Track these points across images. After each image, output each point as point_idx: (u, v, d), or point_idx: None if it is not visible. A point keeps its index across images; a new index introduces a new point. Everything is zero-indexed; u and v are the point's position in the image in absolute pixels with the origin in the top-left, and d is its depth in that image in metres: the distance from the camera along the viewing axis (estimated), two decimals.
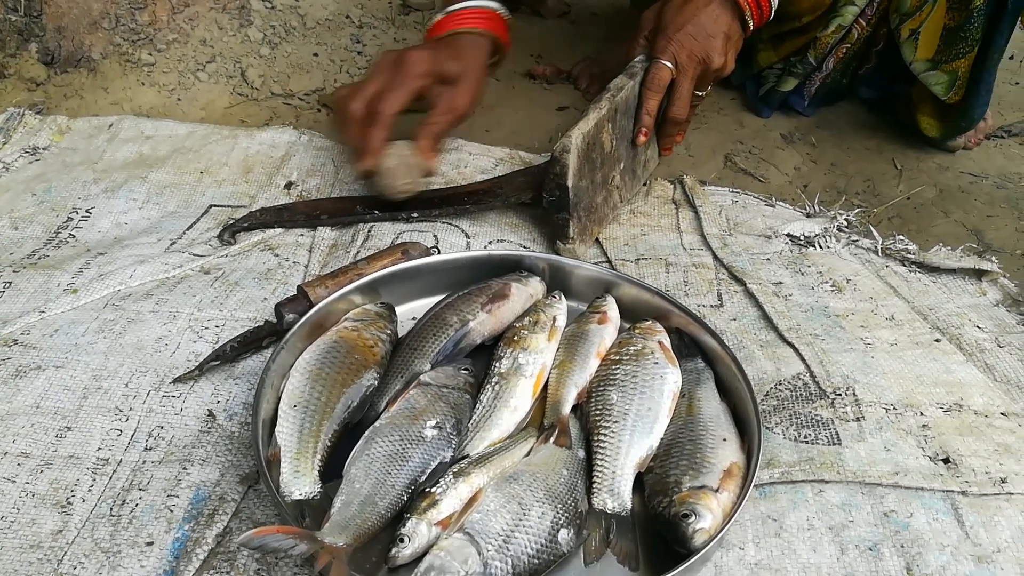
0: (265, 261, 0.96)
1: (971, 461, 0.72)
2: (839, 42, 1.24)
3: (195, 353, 0.82)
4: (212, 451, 0.72)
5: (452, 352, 0.80)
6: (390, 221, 1.03)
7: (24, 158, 1.14)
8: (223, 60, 1.39)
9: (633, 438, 0.70)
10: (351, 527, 0.61)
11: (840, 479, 0.70)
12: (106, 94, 1.31)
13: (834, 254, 1.03)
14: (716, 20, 1.02)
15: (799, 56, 1.27)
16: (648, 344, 0.79)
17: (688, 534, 0.61)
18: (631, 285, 0.87)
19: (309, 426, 0.69)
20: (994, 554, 0.65)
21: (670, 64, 1.02)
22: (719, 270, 0.99)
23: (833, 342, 0.87)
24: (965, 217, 1.18)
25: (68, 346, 0.81)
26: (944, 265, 1.00)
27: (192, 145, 1.17)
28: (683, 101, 1.05)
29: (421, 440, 0.68)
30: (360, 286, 0.84)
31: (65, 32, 1.30)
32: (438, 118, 0.99)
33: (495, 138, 1.22)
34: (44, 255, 0.96)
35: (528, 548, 0.60)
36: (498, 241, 1.02)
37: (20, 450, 0.71)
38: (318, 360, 0.75)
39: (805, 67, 1.26)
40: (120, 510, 0.67)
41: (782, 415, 0.77)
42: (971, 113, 1.23)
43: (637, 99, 1.02)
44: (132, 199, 1.07)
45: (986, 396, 0.80)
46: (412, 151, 0.98)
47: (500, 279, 0.87)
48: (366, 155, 0.95)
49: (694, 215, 1.09)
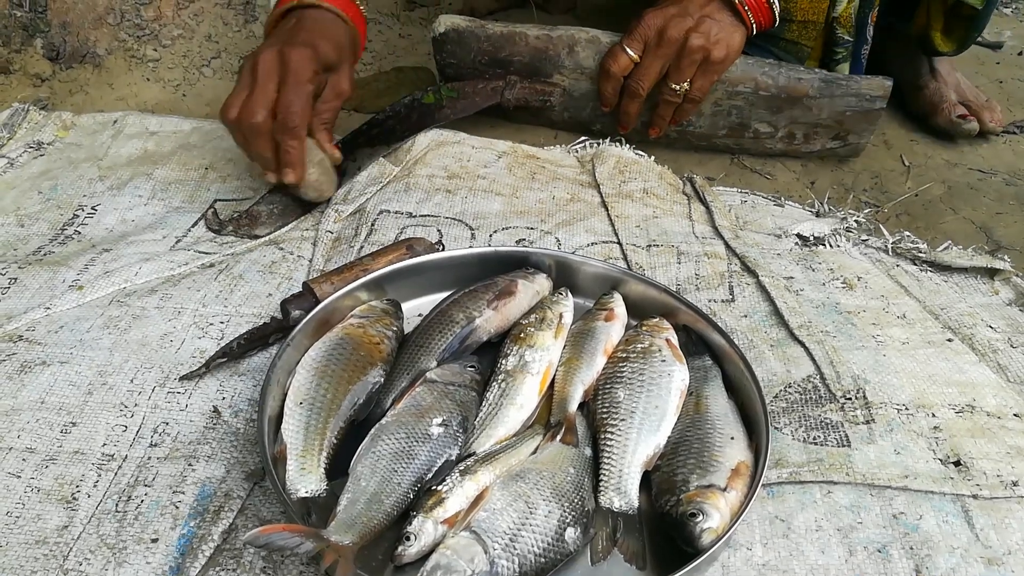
0: (269, 254, 0.96)
1: (982, 464, 0.71)
2: (869, 9, 1.21)
3: (200, 349, 0.82)
4: (218, 448, 0.72)
5: (458, 349, 0.79)
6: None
7: (28, 153, 1.14)
8: (228, 56, 1.39)
9: (640, 436, 0.70)
10: (357, 525, 0.60)
11: (849, 481, 0.70)
12: (111, 90, 1.31)
13: (844, 253, 1.02)
14: (703, 6, 1.05)
15: (834, 42, 1.24)
16: (655, 341, 0.78)
17: (695, 533, 0.61)
18: (638, 282, 0.86)
19: (315, 423, 0.69)
20: (1005, 556, 0.65)
21: (631, 51, 1.07)
22: (731, 260, 0.98)
23: (844, 339, 0.86)
24: (974, 214, 1.17)
25: (73, 342, 0.81)
26: (956, 264, 0.99)
27: (197, 141, 1.17)
28: (643, 75, 1.08)
29: (427, 438, 0.68)
30: (366, 283, 0.83)
31: (70, 28, 1.29)
32: (328, 106, 0.98)
33: (498, 133, 1.22)
34: (50, 251, 0.96)
35: (535, 547, 0.60)
36: (503, 230, 1.01)
37: (25, 445, 0.71)
38: (324, 357, 0.74)
39: (845, 47, 1.23)
40: (126, 506, 0.67)
41: (791, 417, 0.77)
42: (981, 21, 1.20)
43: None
44: (137, 195, 1.07)
45: (999, 397, 0.79)
46: (314, 147, 0.98)
47: (506, 276, 0.86)
48: (289, 168, 0.94)
49: (705, 209, 1.08)
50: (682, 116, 1.15)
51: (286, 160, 0.94)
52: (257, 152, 0.94)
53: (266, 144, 0.93)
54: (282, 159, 0.94)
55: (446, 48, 1.19)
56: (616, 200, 1.07)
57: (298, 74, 0.92)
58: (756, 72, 1.14)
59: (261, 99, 0.91)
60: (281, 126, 0.92)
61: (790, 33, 1.17)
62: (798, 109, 1.17)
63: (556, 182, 1.12)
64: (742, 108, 1.17)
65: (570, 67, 1.17)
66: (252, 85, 0.92)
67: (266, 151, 0.94)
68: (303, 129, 0.94)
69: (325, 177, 1.01)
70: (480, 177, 1.11)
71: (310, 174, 0.98)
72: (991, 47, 1.63)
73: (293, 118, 0.92)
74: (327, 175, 1.01)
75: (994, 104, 1.34)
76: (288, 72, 0.92)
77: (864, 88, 1.15)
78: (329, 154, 1.00)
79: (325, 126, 0.99)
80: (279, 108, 0.92)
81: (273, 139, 0.93)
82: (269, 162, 0.95)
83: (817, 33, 1.18)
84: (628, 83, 1.11)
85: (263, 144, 0.93)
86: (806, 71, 1.15)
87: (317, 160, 0.99)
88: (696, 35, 1.04)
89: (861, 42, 1.22)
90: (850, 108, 1.17)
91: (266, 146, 0.93)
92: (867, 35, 1.22)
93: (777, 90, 1.15)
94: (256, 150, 0.94)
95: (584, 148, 1.20)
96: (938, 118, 1.31)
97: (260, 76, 0.91)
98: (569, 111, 1.22)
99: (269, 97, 0.91)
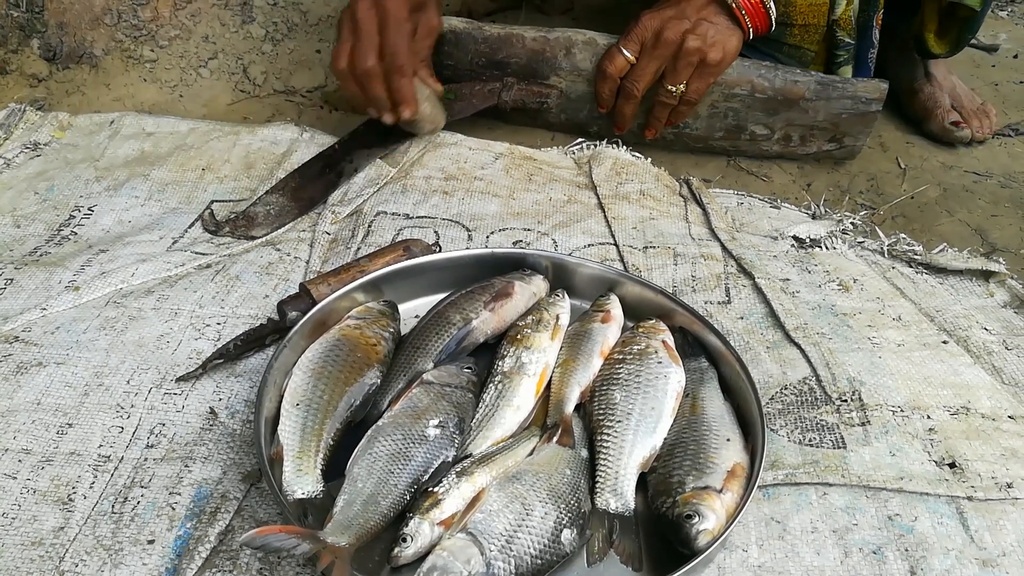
0: (266, 255, 0.96)
1: (977, 466, 0.72)
2: (873, 11, 1.21)
3: (196, 351, 0.82)
4: (214, 449, 0.72)
5: (455, 351, 0.79)
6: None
7: (25, 154, 1.14)
8: (225, 56, 1.39)
9: (636, 438, 0.70)
10: (354, 526, 0.60)
11: (844, 482, 0.70)
12: (108, 90, 1.30)
13: (840, 255, 1.03)
14: (700, 9, 1.06)
15: (835, 45, 1.24)
16: (652, 343, 0.78)
17: (691, 535, 0.61)
18: (635, 283, 0.86)
19: (312, 425, 0.69)
20: (999, 558, 0.65)
21: (627, 52, 1.09)
22: (727, 262, 0.99)
23: (840, 341, 0.86)
24: (969, 216, 1.18)
25: (69, 343, 0.81)
26: (951, 266, 1.00)
27: (194, 142, 1.17)
28: (638, 76, 1.09)
29: (424, 439, 0.68)
30: (363, 284, 0.83)
31: (67, 28, 1.29)
32: (423, 44, 1.05)
33: (496, 134, 1.22)
34: (46, 252, 0.96)
35: (531, 548, 0.60)
36: (500, 231, 1.01)
37: (21, 447, 0.71)
38: (321, 358, 0.74)
39: (846, 49, 1.23)
40: (122, 507, 0.67)
41: (787, 418, 0.77)
42: (975, 23, 1.20)
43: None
44: (134, 196, 1.06)
45: (994, 399, 0.79)
46: (421, 85, 1.04)
47: (503, 277, 0.86)
48: (404, 105, 1.01)
49: (701, 211, 1.09)
50: (678, 118, 1.16)
51: (400, 98, 1.01)
52: (373, 95, 1.00)
53: (379, 86, 1.00)
54: (395, 98, 1.01)
55: (443, 50, 1.19)
56: (613, 202, 1.08)
57: (397, 16, 0.98)
58: (752, 74, 1.14)
59: (368, 45, 0.97)
60: (390, 67, 0.98)
61: (792, 38, 1.17)
62: (794, 111, 1.17)
63: (553, 184, 1.12)
64: (738, 110, 1.17)
65: (567, 69, 1.17)
66: (356, 33, 0.98)
67: (381, 92, 1.00)
68: (411, 67, 1.00)
69: (436, 110, 1.08)
70: (477, 179, 1.11)
71: (423, 108, 1.05)
72: (986, 50, 1.63)
73: (400, 57, 0.98)
74: (437, 108, 1.09)
75: (989, 108, 1.34)
76: (387, 16, 0.97)
77: (860, 91, 1.16)
78: (433, 88, 1.08)
79: (424, 62, 1.06)
80: (385, 51, 0.97)
81: (384, 80, 0.99)
82: (384, 103, 1.02)
83: (819, 37, 1.18)
84: (624, 84, 1.11)
85: (377, 86, 0.99)
86: (802, 73, 1.16)
87: (426, 95, 1.05)
88: (693, 37, 1.04)
89: (867, 45, 1.22)
90: (846, 111, 1.17)
91: (380, 88, 1.00)
92: (872, 38, 1.22)
93: (773, 92, 1.15)
94: (372, 93, 1.00)
95: (581, 150, 1.20)
96: (931, 124, 1.32)
97: (362, 23, 0.97)
98: (566, 113, 1.22)
99: (374, 42, 0.97)
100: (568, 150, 1.21)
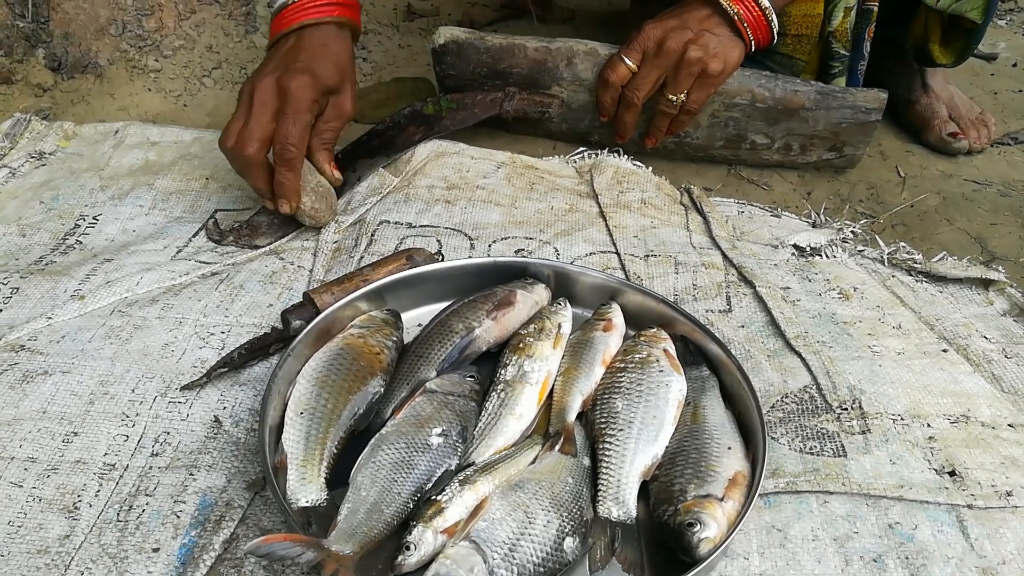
0: (270, 264, 0.96)
1: (977, 474, 0.72)
2: (866, 24, 1.21)
3: (201, 359, 0.82)
4: (219, 457, 0.72)
5: (458, 359, 0.80)
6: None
7: (30, 163, 1.15)
8: (229, 66, 1.40)
9: (638, 446, 0.70)
10: (358, 535, 0.61)
11: (845, 491, 0.70)
12: (112, 100, 1.31)
13: (840, 263, 1.03)
14: (702, 20, 1.06)
15: (830, 56, 1.24)
16: (653, 352, 0.79)
17: (693, 543, 0.61)
18: (636, 292, 0.87)
19: (315, 433, 0.69)
20: (999, 566, 0.65)
21: (629, 61, 1.08)
22: (728, 270, 0.99)
23: (840, 350, 0.87)
24: (969, 225, 1.18)
25: (75, 352, 0.82)
26: (951, 275, 1.00)
27: (198, 151, 1.18)
28: (639, 84, 1.09)
29: (427, 448, 0.68)
30: (366, 293, 0.84)
31: (72, 38, 1.30)
32: (328, 127, 0.98)
33: (498, 143, 1.23)
34: (51, 261, 0.97)
35: (533, 556, 0.61)
36: (502, 240, 1.02)
37: (27, 455, 0.71)
38: (324, 367, 0.75)
39: (841, 61, 1.24)
40: (127, 516, 0.67)
41: (788, 427, 0.77)
42: (979, 33, 1.21)
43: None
44: (139, 205, 1.07)
45: (993, 407, 0.80)
46: (312, 171, 0.98)
47: (505, 286, 0.87)
48: (283, 200, 0.95)
49: (702, 220, 1.09)
50: (678, 127, 1.16)
51: (280, 191, 0.94)
52: (252, 183, 0.96)
53: (260, 175, 0.94)
54: (276, 190, 0.95)
55: (446, 60, 1.20)
56: (614, 210, 1.08)
57: (297, 102, 0.92)
58: (753, 84, 1.15)
59: (256, 130, 0.91)
60: (277, 157, 0.93)
61: (784, 47, 1.18)
62: (794, 121, 1.18)
63: (555, 192, 1.12)
64: (739, 120, 1.18)
65: (568, 79, 1.18)
66: (249, 113, 0.91)
67: (260, 182, 0.94)
68: (299, 161, 0.94)
69: (321, 204, 1.00)
70: (479, 188, 1.12)
71: (304, 203, 0.97)
72: (986, 59, 1.64)
73: (289, 150, 0.92)
74: (323, 201, 1.00)
75: (988, 117, 1.35)
76: (286, 101, 0.91)
77: (860, 100, 1.17)
78: (328, 176, 1.01)
79: (325, 147, 0.99)
80: (275, 139, 0.92)
81: (268, 169, 0.94)
82: (264, 192, 0.96)
83: (811, 47, 1.19)
84: (625, 92, 1.12)
85: (257, 175, 0.94)
86: (802, 83, 1.17)
87: (312, 186, 0.98)
88: (694, 47, 1.05)
89: (858, 57, 1.23)
90: (846, 120, 1.18)
91: (260, 177, 0.94)
92: (864, 50, 1.23)
93: (774, 102, 1.16)
94: (250, 181, 0.95)
95: (582, 159, 1.21)
96: (929, 134, 1.32)
97: (256, 106, 0.91)
98: (568, 122, 1.23)
99: (264, 129, 0.91)
100: (570, 159, 1.21)
